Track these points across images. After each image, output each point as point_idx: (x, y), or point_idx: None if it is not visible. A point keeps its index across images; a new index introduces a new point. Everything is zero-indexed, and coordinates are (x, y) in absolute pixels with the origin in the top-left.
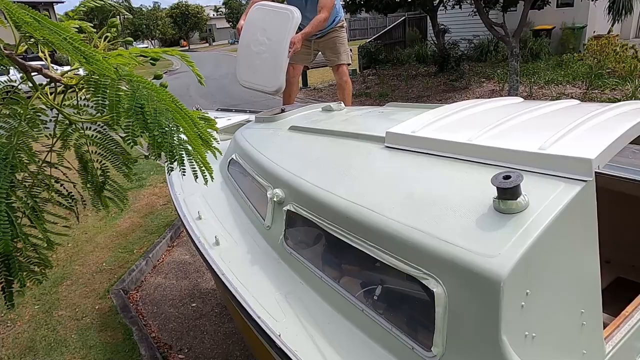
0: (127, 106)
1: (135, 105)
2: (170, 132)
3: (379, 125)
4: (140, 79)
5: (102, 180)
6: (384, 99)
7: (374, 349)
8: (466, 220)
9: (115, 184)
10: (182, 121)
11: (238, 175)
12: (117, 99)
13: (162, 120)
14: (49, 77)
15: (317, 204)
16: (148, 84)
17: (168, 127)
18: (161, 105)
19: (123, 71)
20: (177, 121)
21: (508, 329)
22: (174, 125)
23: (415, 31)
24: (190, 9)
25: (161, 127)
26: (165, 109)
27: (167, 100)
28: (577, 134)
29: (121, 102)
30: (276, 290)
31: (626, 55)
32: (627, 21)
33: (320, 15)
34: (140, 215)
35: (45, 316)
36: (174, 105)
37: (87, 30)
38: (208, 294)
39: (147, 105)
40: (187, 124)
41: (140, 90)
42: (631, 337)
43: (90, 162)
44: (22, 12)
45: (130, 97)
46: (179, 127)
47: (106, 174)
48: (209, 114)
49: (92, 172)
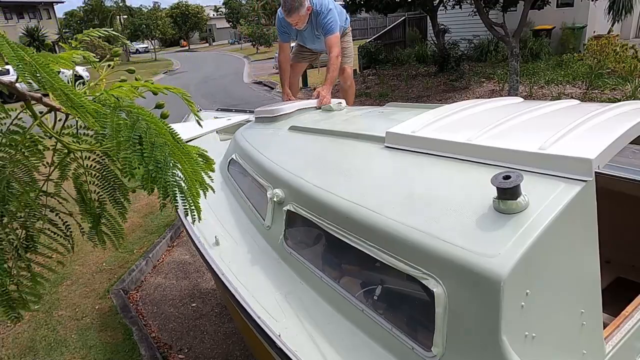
0: (126, 137)
1: (133, 137)
2: (165, 168)
3: (379, 125)
4: (140, 111)
5: (99, 212)
6: (384, 99)
7: (374, 349)
8: (466, 220)
9: (111, 218)
10: (179, 157)
11: (238, 175)
12: (117, 129)
13: (159, 154)
14: (48, 106)
15: (317, 204)
16: (148, 115)
17: (164, 162)
18: (159, 139)
19: (124, 102)
20: (174, 156)
21: (508, 329)
22: (170, 161)
23: (415, 31)
24: (190, 9)
25: (157, 161)
26: (163, 142)
27: (165, 134)
28: (577, 134)
29: (121, 132)
30: (276, 290)
31: (626, 55)
32: (627, 21)
33: (333, 54)
34: (140, 215)
35: (45, 316)
36: (172, 139)
37: (89, 59)
38: (208, 294)
39: (145, 137)
40: (184, 160)
41: (139, 122)
42: (631, 337)
43: (88, 193)
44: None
45: (130, 128)
46: (175, 163)
47: (103, 206)
48: (209, 114)
49: (90, 204)
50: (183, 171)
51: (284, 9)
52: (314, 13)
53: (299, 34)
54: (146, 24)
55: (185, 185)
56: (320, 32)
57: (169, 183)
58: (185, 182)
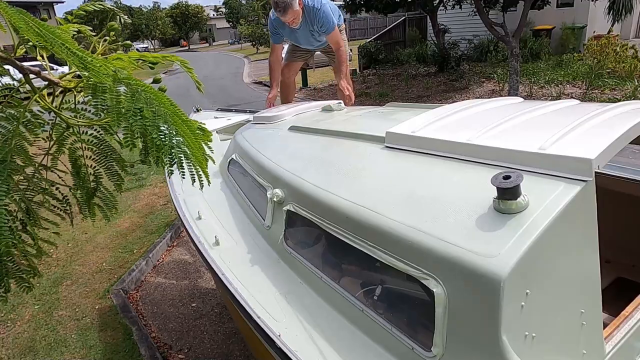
0: (126, 109)
1: (134, 108)
2: (169, 135)
3: (379, 125)
4: (139, 83)
5: (94, 186)
6: (384, 99)
7: (374, 349)
8: (466, 221)
9: (106, 191)
10: (180, 125)
11: (238, 176)
12: (116, 102)
13: (161, 123)
14: (47, 80)
15: (317, 204)
16: (146, 87)
17: (167, 130)
18: (160, 109)
19: (122, 74)
20: (176, 125)
21: (508, 329)
22: (172, 129)
23: (415, 31)
24: (190, 9)
25: (160, 130)
26: (164, 112)
27: (165, 104)
28: (577, 134)
29: (121, 105)
30: (276, 290)
31: (626, 55)
32: (627, 21)
33: (339, 50)
34: (140, 215)
35: (45, 316)
36: (173, 108)
37: (85, 33)
38: (208, 294)
39: (146, 108)
40: (185, 127)
41: (139, 93)
42: (631, 337)
43: (83, 167)
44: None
45: (129, 100)
46: (177, 131)
47: (99, 179)
48: (209, 114)
49: (85, 177)
50: (186, 138)
51: (277, 9)
52: (306, 9)
53: (292, 34)
54: (146, 24)
55: (190, 151)
56: (316, 29)
57: (175, 149)
58: (189, 148)
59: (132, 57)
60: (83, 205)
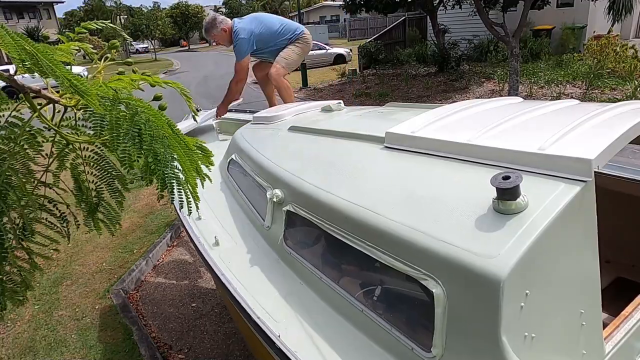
0: (125, 130)
1: (132, 129)
2: (164, 160)
3: (379, 125)
4: (139, 103)
5: (96, 201)
6: (384, 99)
7: (373, 349)
8: (466, 221)
9: (109, 207)
10: (177, 149)
11: (238, 176)
12: (117, 121)
13: (158, 147)
14: (47, 99)
15: (316, 205)
16: (146, 107)
17: (162, 154)
18: (158, 131)
19: (122, 95)
20: (173, 148)
21: (507, 329)
22: (168, 153)
23: (415, 31)
24: (190, 9)
25: (156, 154)
26: (162, 134)
27: (164, 126)
28: (577, 134)
29: (120, 124)
30: (276, 290)
31: (626, 55)
32: (627, 21)
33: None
34: (140, 215)
35: (45, 316)
36: (171, 131)
37: (87, 51)
38: (208, 294)
39: (144, 130)
40: (182, 152)
41: (138, 114)
42: (631, 337)
43: (85, 183)
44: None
45: (129, 121)
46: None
47: (100, 195)
48: (209, 113)
49: (87, 193)
50: (181, 163)
51: None
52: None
53: None
54: (146, 24)
55: (183, 176)
56: None
57: (167, 175)
58: (183, 173)
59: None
60: (87, 219)
